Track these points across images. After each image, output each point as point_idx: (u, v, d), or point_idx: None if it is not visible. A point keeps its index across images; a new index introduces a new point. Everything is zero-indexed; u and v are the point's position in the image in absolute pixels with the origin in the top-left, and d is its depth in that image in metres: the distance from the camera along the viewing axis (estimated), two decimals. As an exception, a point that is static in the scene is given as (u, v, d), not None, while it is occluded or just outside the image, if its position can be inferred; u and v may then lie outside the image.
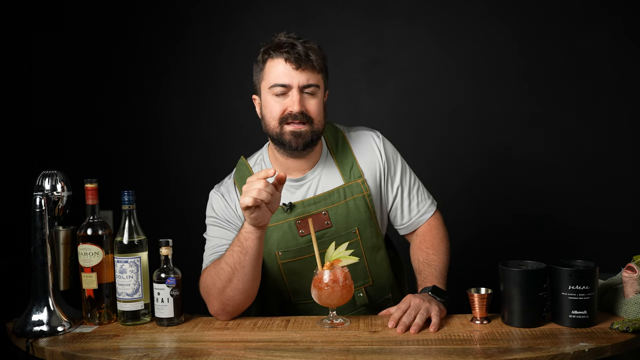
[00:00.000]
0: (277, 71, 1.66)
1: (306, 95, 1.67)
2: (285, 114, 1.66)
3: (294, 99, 1.65)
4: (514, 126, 2.95)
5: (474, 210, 2.98)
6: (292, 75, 1.65)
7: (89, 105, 3.05)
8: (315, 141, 1.71)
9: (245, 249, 1.56)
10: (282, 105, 1.67)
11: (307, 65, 1.65)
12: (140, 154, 3.07)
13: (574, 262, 1.52)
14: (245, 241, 1.56)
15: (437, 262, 1.78)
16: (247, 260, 1.57)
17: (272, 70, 1.67)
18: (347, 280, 1.55)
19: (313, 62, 1.65)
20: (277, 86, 1.66)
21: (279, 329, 1.57)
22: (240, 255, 1.57)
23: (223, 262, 1.60)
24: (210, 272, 1.64)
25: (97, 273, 1.63)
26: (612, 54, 2.87)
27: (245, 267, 1.58)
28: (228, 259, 1.59)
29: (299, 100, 1.65)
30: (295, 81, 1.65)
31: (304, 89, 1.66)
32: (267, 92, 1.68)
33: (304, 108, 1.66)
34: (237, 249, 1.57)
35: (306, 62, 1.65)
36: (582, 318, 1.46)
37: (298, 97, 1.65)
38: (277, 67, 1.66)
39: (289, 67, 1.65)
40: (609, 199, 2.90)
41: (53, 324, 1.58)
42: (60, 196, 1.69)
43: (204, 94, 3.04)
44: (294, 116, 1.65)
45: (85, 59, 3.02)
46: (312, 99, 1.68)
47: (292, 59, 1.64)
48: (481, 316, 1.55)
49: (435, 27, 2.95)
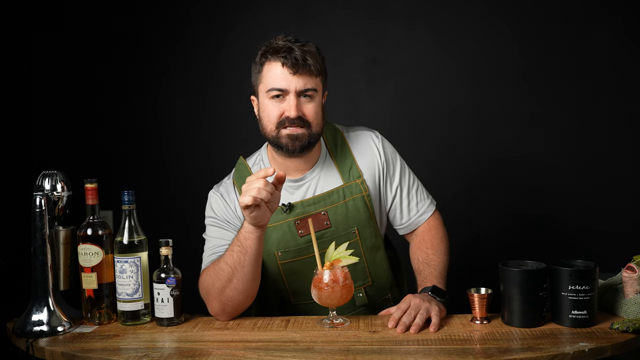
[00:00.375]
0: (275, 75, 1.65)
1: (303, 99, 1.67)
2: (282, 118, 1.66)
3: (291, 104, 1.65)
4: (514, 126, 2.95)
5: (474, 210, 2.98)
6: (289, 80, 1.64)
7: (89, 105, 3.05)
8: (313, 144, 1.71)
9: (245, 248, 1.56)
10: (279, 109, 1.66)
11: (304, 70, 1.64)
12: (140, 154, 3.07)
13: (574, 262, 1.52)
14: (245, 241, 1.56)
15: (436, 262, 1.78)
16: (246, 260, 1.57)
17: (269, 73, 1.67)
18: (347, 280, 1.55)
19: (310, 66, 1.65)
20: (274, 90, 1.65)
21: (279, 329, 1.57)
22: (240, 255, 1.57)
23: (222, 262, 1.60)
24: (209, 272, 1.64)
25: (97, 273, 1.63)
26: (612, 54, 2.87)
27: (245, 267, 1.58)
28: (227, 259, 1.59)
29: (295, 105, 1.65)
30: (292, 86, 1.64)
31: (302, 94, 1.66)
32: (265, 95, 1.68)
33: (300, 112, 1.65)
34: (237, 249, 1.57)
35: (303, 67, 1.64)
36: (582, 318, 1.46)
37: (295, 102, 1.65)
38: (275, 71, 1.65)
39: (286, 72, 1.64)
40: (609, 199, 2.91)
41: (53, 324, 1.58)
42: (60, 196, 1.69)
43: (203, 94, 3.04)
44: (291, 120, 1.65)
45: (85, 59, 3.03)
46: (309, 103, 1.67)
47: (289, 64, 1.63)
48: (481, 316, 1.55)
49: (435, 27, 2.96)
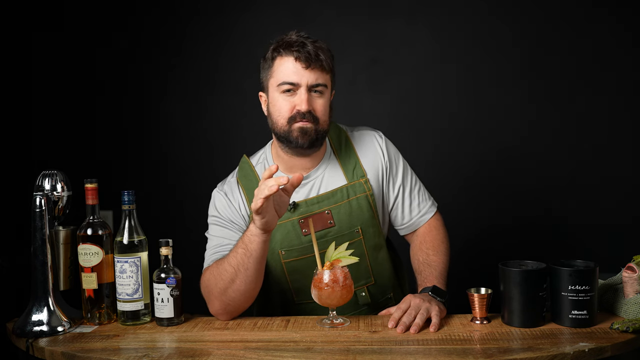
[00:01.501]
0: (287, 69, 1.66)
1: (314, 94, 1.67)
2: (294, 113, 1.67)
3: (302, 98, 1.65)
4: (514, 126, 2.95)
5: (474, 210, 2.99)
6: (302, 74, 1.65)
7: (89, 105, 3.05)
8: (320, 140, 1.71)
9: (249, 251, 1.56)
10: (290, 103, 1.67)
11: (316, 64, 1.65)
12: (140, 153, 3.07)
13: (574, 262, 1.52)
14: (250, 244, 1.56)
15: (437, 262, 1.78)
16: (250, 262, 1.57)
17: (281, 68, 1.67)
18: (347, 280, 1.55)
19: (322, 61, 1.66)
20: (286, 84, 1.66)
21: (279, 329, 1.57)
22: (243, 258, 1.57)
23: (226, 263, 1.60)
24: (212, 271, 1.64)
25: (97, 273, 1.63)
26: (612, 54, 2.87)
27: (249, 269, 1.58)
28: (231, 260, 1.59)
29: (307, 99, 1.65)
30: (304, 80, 1.65)
31: (312, 88, 1.66)
32: (275, 90, 1.68)
33: (311, 107, 1.66)
34: (241, 251, 1.57)
35: (316, 62, 1.65)
36: (582, 318, 1.47)
37: (306, 96, 1.65)
38: (287, 65, 1.66)
39: (298, 66, 1.65)
40: (608, 199, 2.91)
41: (53, 324, 1.58)
42: (60, 196, 1.69)
43: (204, 93, 3.04)
44: (302, 114, 1.65)
45: (85, 59, 3.03)
46: (319, 98, 1.68)
47: (302, 58, 1.64)
48: (481, 316, 1.55)
49: (436, 27, 2.96)
